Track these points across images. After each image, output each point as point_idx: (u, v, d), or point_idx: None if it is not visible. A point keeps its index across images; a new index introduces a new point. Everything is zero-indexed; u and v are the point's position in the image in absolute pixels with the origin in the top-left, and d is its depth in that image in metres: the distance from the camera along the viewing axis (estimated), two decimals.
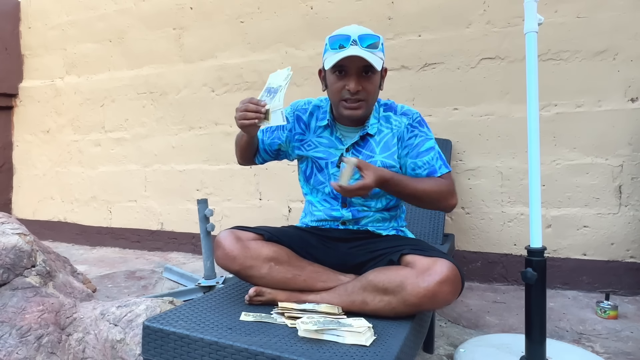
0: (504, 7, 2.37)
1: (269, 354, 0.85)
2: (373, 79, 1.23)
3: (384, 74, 1.30)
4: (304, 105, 1.39)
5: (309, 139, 1.36)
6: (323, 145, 1.33)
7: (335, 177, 1.30)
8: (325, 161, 1.32)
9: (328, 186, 1.32)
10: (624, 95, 2.20)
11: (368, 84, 1.22)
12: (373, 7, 2.66)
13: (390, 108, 1.33)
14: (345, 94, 1.23)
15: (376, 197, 1.30)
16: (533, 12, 1.34)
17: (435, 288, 1.01)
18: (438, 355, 1.58)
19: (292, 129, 1.38)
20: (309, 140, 1.36)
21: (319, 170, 1.34)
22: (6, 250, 1.56)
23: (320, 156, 1.33)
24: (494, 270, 2.43)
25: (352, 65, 1.20)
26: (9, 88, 3.91)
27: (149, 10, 3.33)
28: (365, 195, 1.14)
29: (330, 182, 1.22)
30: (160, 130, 3.34)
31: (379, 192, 1.28)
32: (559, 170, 2.30)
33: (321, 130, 1.34)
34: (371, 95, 1.25)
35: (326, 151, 1.33)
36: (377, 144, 1.29)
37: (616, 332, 1.76)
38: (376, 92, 1.27)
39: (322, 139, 1.34)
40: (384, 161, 1.28)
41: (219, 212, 3.12)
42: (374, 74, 1.23)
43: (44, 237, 3.70)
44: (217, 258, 1.21)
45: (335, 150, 1.32)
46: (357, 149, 1.30)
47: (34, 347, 1.39)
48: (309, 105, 1.39)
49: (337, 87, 1.24)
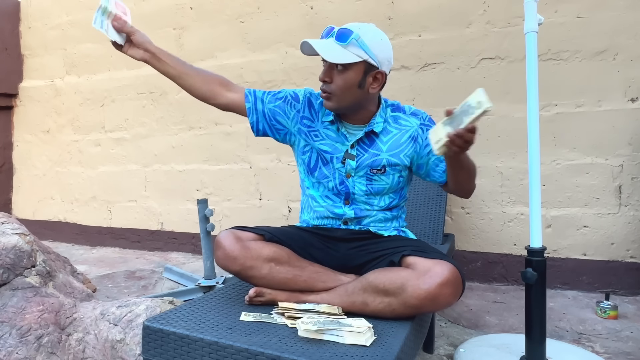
0: (504, 7, 2.37)
1: (269, 354, 0.85)
2: (345, 75, 1.20)
3: (374, 77, 1.22)
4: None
5: (317, 128, 1.33)
6: (330, 138, 1.32)
7: (340, 172, 1.29)
8: (331, 155, 1.31)
9: (332, 181, 1.31)
10: (624, 95, 2.20)
11: (338, 78, 1.21)
12: (373, 7, 2.66)
13: (399, 109, 1.34)
14: (321, 84, 1.25)
15: (380, 195, 1.30)
16: (533, 12, 1.34)
17: (436, 290, 1.01)
18: (438, 355, 1.58)
19: (301, 110, 1.35)
20: (317, 130, 1.33)
21: (324, 163, 1.32)
22: (6, 250, 1.56)
23: (327, 149, 1.32)
24: (494, 270, 2.43)
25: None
26: (9, 88, 3.91)
27: (149, 10, 3.33)
28: (469, 143, 1.03)
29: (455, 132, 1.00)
30: (160, 130, 3.34)
31: (384, 189, 1.29)
32: (559, 170, 2.30)
33: (327, 124, 1.33)
34: (340, 90, 1.21)
35: (332, 145, 1.32)
36: (384, 143, 1.29)
37: (616, 332, 1.76)
38: (350, 89, 1.21)
39: (330, 131, 1.32)
40: (390, 159, 1.28)
41: (219, 212, 3.12)
42: (348, 69, 1.19)
43: (44, 237, 3.70)
44: (218, 258, 1.21)
45: (341, 146, 1.31)
46: (362, 146, 1.30)
47: (34, 347, 1.39)
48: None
49: (320, 77, 1.26)
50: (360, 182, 1.29)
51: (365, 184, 1.29)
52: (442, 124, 1.04)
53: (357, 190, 1.29)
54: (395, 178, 1.30)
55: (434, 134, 1.06)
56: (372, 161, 1.28)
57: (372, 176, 1.28)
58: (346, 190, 1.30)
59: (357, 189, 1.29)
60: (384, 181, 1.29)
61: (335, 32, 1.19)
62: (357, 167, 1.28)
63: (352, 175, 1.29)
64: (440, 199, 2.17)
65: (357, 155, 1.29)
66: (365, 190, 1.29)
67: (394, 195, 1.33)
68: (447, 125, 1.02)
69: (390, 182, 1.29)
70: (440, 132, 1.03)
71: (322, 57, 1.18)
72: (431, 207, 2.14)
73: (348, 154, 1.29)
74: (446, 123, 1.02)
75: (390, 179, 1.29)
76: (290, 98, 1.36)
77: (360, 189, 1.29)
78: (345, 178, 1.30)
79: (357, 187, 1.29)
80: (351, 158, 1.29)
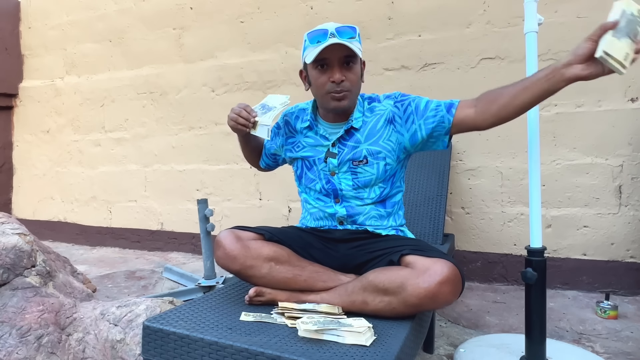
0: (504, 7, 2.37)
1: (269, 354, 0.85)
2: (355, 69, 1.25)
3: (363, 66, 1.31)
4: (292, 109, 1.45)
5: (298, 140, 1.40)
6: (309, 144, 1.36)
7: (324, 172, 1.32)
8: (314, 158, 1.35)
9: (319, 182, 1.34)
10: (624, 95, 2.20)
11: (351, 74, 1.24)
12: (373, 7, 2.66)
13: (374, 99, 1.36)
14: (330, 87, 1.24)
15: (368, 187, 1.30)
16: (533, 12, 1.34)
17: (435, 288, 1.01)
18: (438, 355, 1.58)
19: (283, 134, 1.44)
20: (298, 141, 1.40)
21: (309, 168, 1.36)
22: (6, 250, 1.56)
23: (309, 154, 1.36)
24: (494, 270, 2.43)
25: (334, 57, 1.21)
26: (9, 88, 3.91)
27: (149, 10, 3.34)
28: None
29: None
30: (160, 130, 3.34)
31: (371, 180, 1.29)
32: (559, 170, 2.30)
33: (306, 131, 1.38)
34: (355, 85, 1.26)
35: (312, 149, 1.35)
36: (362, 134, 1.31)
37: (616, 332, 1.76)
38: (359, 82, 1.29)
39: (308, 138, 1.37)
40: (369, 148, 1.28)
41: (219, 212, 3.12)
42: (355, 64, 1.25)
43: (44, 237, 3.70)
44: (218, 258, 1.21)
45: (321, 148, 1.34)
46: (342, 143, 1.31)
47: (34, 347, 1.39)
48: (296, 109, 1.44)
49: (322, 81, 1.25)
50: (345, 177, 1.30)
51: (351, 178, 1.30)
52: (614, 38, 0.93)
53: (344, 186, 1.30)
54: (381, 167, 1.28)
55: (613, 50, 0.94)
56: (352, 154, 1.29)
57: (355, 169, 1.29)
58: (333, 187, 1.31)
59: (344, 185, 1.30)
60: (369, 172, 1.28)
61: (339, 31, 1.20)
62: (339, 164, 1.30)
63: (337, 173, 1.31)
64: (440, 199, 2.17)
65: (338, 152, 1.31)
66: (352, 184, 1.30)
67: (384, 184, 1.31)
68: (623, 38, 0.92)
69: (376, 172, 1.28)
70: (621, 47, 0.92)
71: (356, 54, 1.21)
72: (431, 207, 2.14)
73: (329, 153, 1.31)
74: (617, 36, 0.92)
75: (375, 169, 1.28)
76: (275, 132, 1.48)
77: (347, 184, 1.30)
78: (330, 176, 1.31)
79: (344, 182, 1.30)
80: (332, 156, 1.31)
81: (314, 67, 1.25)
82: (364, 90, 1.35)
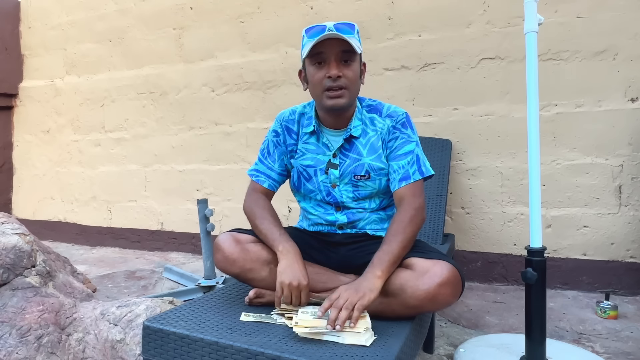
0: (504, 7, 2.37)
1: (269, 354, 0.85)
2: (353, 67, 1.20)
3: (363, 68, 1.27)
4: (290, 116, 1.36)
5: (297, 146, 1.33)
6: (311, 152, 1.31)
7: (325, 184, 1.28)
8: (314, 169, 1.29)
9: (319, 194, 1.30)
10: (624, 95, 2.20)
11: (348, 71, 1.19)
12: (373, 7, 2.66)
13: (375, 110, 1.30)
14: (326, 83, 1.19)
15: (369, 198, 1.29)
16: (533, 12, 1.34)
17: (435, 290, 1.00)
18: (438, 355, 1.58)
19: (284, 141, 1.35)
20: (298, 148, 1.33)
21: (307, 179, 1.31)
22: (6, 250, 1.56)
23: (309, 164, 1.30)
24: (494, 270, 2.43)
25: (331, 52, 1.17)
26: (9, 88, 3.91)
27: (149, 10, 3.34)
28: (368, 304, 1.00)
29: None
30: (160, 130, 3.34)
31: (372, 193, 1.27)
32: (559, 170, 2.30)
33: (307, 136, 1.32)
34: (353, 83, 1.21)
35: (314, 158, 1.30)
36: (364, 147, 1.27)
37: (616, 332, 1.76)
38: (357, 81, 1.23)
39: (309, 145, 1.31)
40: (372, 164, 1.25)
41: (219, 212, 3.12)
42: (354, 61, 1.20)
43: (44, 237, 3.71)
44: (217, 261, 1.21)
45: (323, 157, 1.29)
46: (344, 153, 1.27)
47: (34, 347, 1.39)
48: (295, 114, 1.35)
49: (318, 78, 1.20)
50: (346, 189, 1.27)
51: (352, 191, 1.27)
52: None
53: (345, 198, 1.28)
54: (383, 182, 1.27)
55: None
56: (354, 167, 1.26)
57: (357, 182, 1.26)
58: (334, 200, 1.28)
59: (345, 197, 1.28)
60: (370, 186, 1.26)
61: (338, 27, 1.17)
62: (340, 176, 1.26)
63: (338, 185, 1.27)
64: (440, 199, 2.17)
65: (340, 163, 1.27)
66: (353, 196, 1.27)
67: (384, 195, 1.31)
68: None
69: (377, 187, 1.27)
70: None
71: (354, 49, 1.16)
72: (431, 207, 2.14)
73: (331, 164, 1.27)
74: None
75: (377, 184, 1.26)
76: (276, 142, 1.35)
77: (348, 196, 1.27)
78: (331, 188, 1.28)
79: (345, 195, 1.27)
80: (334, 167, 1.27)
81: (311, 62, 1.21)
82: (364, 90, 1.33)
